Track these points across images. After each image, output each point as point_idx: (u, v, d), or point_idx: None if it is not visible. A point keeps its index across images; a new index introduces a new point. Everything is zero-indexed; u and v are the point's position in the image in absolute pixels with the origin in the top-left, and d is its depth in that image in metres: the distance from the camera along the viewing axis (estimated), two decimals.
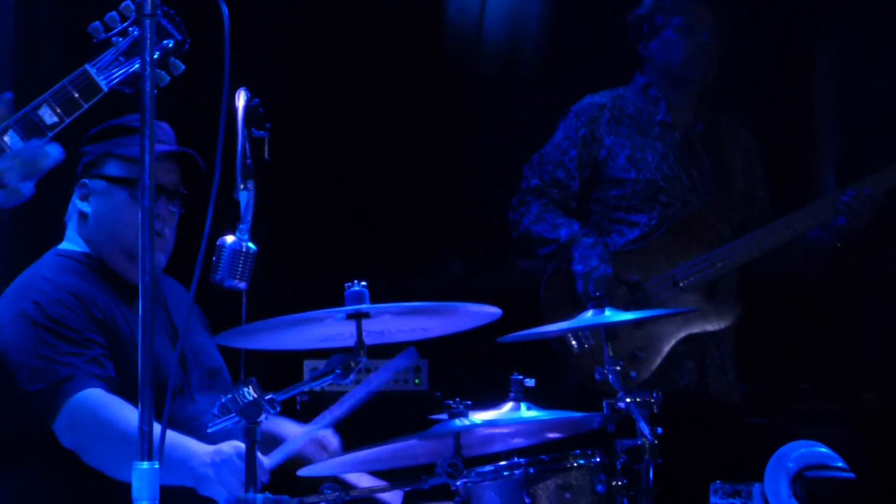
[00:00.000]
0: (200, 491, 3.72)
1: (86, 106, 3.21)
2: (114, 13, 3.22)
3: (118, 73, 3.18)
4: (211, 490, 3.70)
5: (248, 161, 3.37)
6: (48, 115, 3.17)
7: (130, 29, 3.21)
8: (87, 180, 4.03)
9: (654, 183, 5.30)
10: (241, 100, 3.35)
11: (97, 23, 3.18)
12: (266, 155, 3.38)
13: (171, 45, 3.25)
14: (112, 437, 3.78)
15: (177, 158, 3.97)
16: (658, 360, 5.17)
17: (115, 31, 3.22)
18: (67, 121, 3.19)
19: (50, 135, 3.19)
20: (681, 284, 5.22)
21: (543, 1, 6.32)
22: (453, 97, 6.38)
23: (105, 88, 3.24)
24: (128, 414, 3.76)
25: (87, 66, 3.22)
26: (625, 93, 5.47)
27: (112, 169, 4.02)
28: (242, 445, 3.59)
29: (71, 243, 4.14)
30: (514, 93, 6.20)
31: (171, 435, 2.90)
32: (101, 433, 3.81)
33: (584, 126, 5.42)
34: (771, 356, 5.83)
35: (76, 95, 3.20)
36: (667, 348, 5.21)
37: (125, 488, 3.56)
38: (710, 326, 5.29)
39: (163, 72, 3.29)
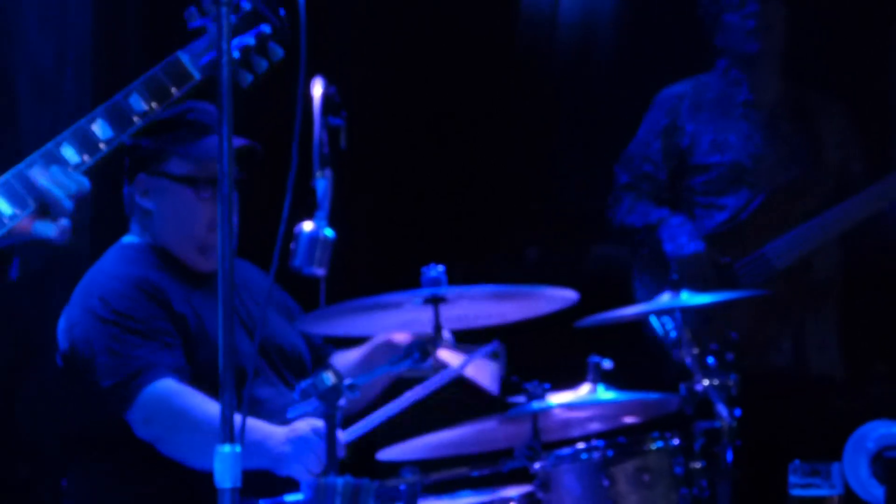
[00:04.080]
0: (278, 472, 3.74)
1: (177, 94, 3.15)
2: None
3: (211, 61, 3.09)
4: (289, 469, 3.72)
5: (325, 149, 3.41)
6: (138, 103, 3.13)
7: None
8: (145, 175, 4.01)
9: (739, 164, 5.25)
10: (317, 88, 3.38)
11: (192, 7, 3.09)
12: (342, 143, 3.41)
13: (268, 31, 3.21)
14: (187, 427, 3.81)
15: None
16: (753, 341, 5.08)
17: (211, 16, 3.19)
18: (158, 109, 3.15)
19: (139, 123, 3.14)
20: (773, 263, 5.21)
21: None
22: (529, 83, 6.36)
23: (198, 76, 3.19)
24: (201, 403, 3.81)
25: (178, 54, 3.15)
26: (707, 79, 5.46)
27: (174, 167, 4.00)
28: (318, 423, 3.62)
29: (134, 236, 4.16)
30: (589, 78, 6.22)
31: (248, 420, 2.93)
32: (176, 424, 3.83)
33: (665, 116, 5.40)
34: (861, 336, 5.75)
35: (168, 83, 3.16)
36: (761, 329, 5.19)
37: (197, 481, 3.61)
38: (806, 304, 5.27)
39: (260, 58, 3.23)
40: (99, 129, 3.09)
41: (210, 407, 3.76)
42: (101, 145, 3.10)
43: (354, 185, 3.69)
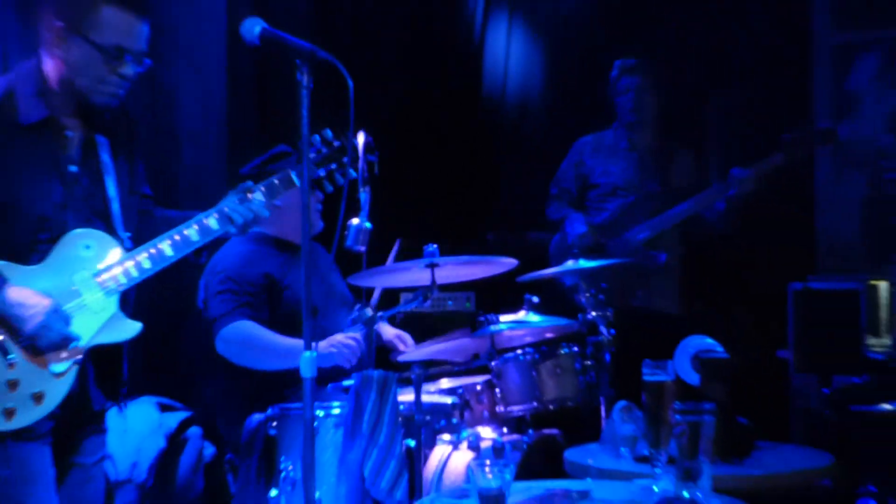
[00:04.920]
0: (324, 365, 3.82)
1: (283, 191, 3.28)
2: (316, 136, 3.28)
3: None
4: (333, 360, 3.86)
5: (365, 175, 3.41)
6: (258, 197, 3.23)
7: (323, 149, 3.32)
8: None
9: (615, 184, 5.37)
10: (361, 137, 3.41)
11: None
12: (376, 170, 3.43)
13: (346, 160, 3.32)
14: (252, 347, 3.90)
15: None
16: (617, 289, 5.05)
17: (314, 149, 3.27)
18: (272, 202, 3.24)
19: (255, 210, 3.21)
20: (632, 243, 5.22)
21: (547, 78, 6.29)
22: (490, 134, 6.42)
23: (297, 185, 3.28)
24: (264, 333, 3.90)
25: (291, 171, 3.26)
26: (606, 133, 5.50)
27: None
28: (355, 334, 3.81)
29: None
30: (529, 135, 6.14)
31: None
32: (246, 345, 3.91)
33: (577, 155, 5.50)
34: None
35: (280, 188, 3.25)
36: (621, 280, 5.16)
37: (282, 382, 3.82)
38: (650, 265, 5.21)
39: (339, 176, 3.32)
40: (212, 224, 3.19)
41: (270, 336, 3.89)
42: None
43: (384, 198, 3.71)
